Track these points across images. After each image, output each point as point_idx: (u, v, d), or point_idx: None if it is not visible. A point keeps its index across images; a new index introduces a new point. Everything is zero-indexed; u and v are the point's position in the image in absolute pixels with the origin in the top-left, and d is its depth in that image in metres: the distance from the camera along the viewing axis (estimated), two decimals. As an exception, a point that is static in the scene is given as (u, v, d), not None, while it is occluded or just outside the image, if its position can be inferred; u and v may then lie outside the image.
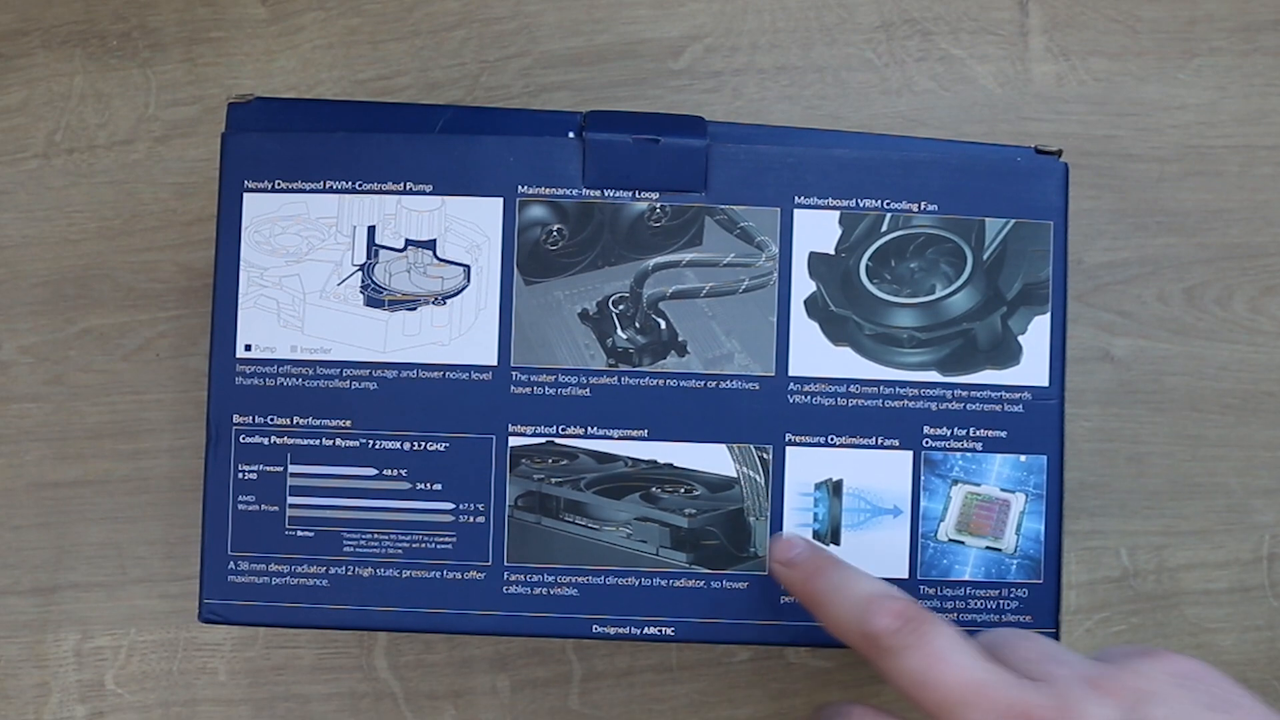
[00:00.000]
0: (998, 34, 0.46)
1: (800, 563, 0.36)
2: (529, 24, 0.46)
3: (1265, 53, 0.46)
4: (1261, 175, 0.46)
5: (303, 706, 0.45)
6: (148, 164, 0.46)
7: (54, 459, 0.45)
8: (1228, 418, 0.45)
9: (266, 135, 0.38)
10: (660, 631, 0.38)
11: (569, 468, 0.38)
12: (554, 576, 0.38)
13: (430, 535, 0.38)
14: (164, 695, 0.45)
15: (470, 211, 0.38)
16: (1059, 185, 0.39)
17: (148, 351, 0.45)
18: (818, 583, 0.34)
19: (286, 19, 0.46)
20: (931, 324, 0.38)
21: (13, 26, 0.46)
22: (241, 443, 0.38)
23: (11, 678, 0.45)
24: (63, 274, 0.45)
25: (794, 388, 0.38)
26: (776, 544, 0.37)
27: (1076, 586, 0.45)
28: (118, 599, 0.45)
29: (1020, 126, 0.46)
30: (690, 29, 0.46)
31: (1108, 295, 0.46)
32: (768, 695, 0.45)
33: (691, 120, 0.39)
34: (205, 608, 0.38)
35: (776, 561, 0.36)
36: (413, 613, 0.38)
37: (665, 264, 0.38)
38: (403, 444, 0.38)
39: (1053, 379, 0.38)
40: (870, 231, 0.38)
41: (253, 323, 0.38)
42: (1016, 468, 0.38)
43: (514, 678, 0.45)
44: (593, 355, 0.38)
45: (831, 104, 0.46)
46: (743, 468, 0.38)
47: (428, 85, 0.46)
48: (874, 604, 0.32)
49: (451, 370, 0.38)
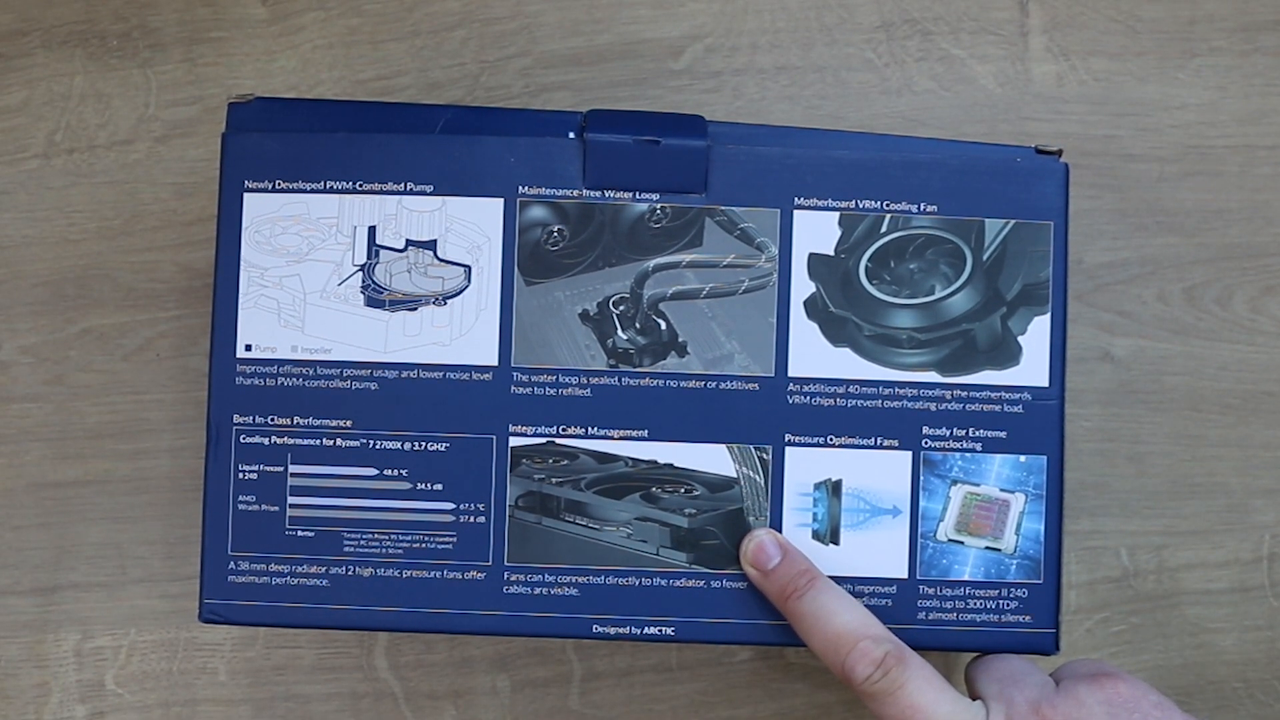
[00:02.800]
0: (998, 34, 0.46)
1: (777, 577, 0.37)
2: (529, 24, 0.46)
3: (1265, 53, 0.46)
4: (1261, 175, 0.46)
5: (303, 706, 0.45)
6: (148, 164, 0.46)
7: (54, 459, 0.45)
8: (1228, 418, 0.45)
9: (267, 135, 0.38)
10: (660, 631, 0.38)
11: (569, 468, 0.38)
12: (554, 576, 0.38)
13: (431, 535, 0.38)
14: (164, 695, 0.45)
15: (471, 212, 0.38)
16: (1059, 185, 0.39)
17: (148, 351, 0.45)
18: (795, 606, 0.36)
19: (286, 19, 0.46)
20: (931, 324, 0.38)
21: (13, 26, 0.46)
22: (242, 443, 0.38)
23: (11, 678, 0.45)
24: (63, 274, 0.45)
25: (793, 388, 0.38)
26: (751, 547, 0.38)
27: (1076, 586, 0.45)
28: (118, 599, 0.45)
29: (1020, 126, 0.46)
30: (690, 29, 0.46)
31: (1108, 295, 0.46)
32: (768, 695, 0.45)
33: (692, 120, 0.39)
34: (205, 608, 0.38)
35: (752, 566, 0.38)
36: (413, 613, 0.38)
37: (665, 265, 0.38)
38: (403, 444, 0.38)
39: (1053, 379, 0.38)
40: (870, 232, 0.38)
41: (253, 323, 0.38)
42: (1016, 468, 0.38)
43: (514, 678, 0.45)
44: (593, 355, 0.38)
45: (831, 104, 0.46)
46: (742, 468, 0.38)
47: (428, 85, 0.46)
48: (851, 650, 0.35)
49: (452, 370, 0.38)
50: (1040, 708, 0.34)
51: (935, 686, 0.35)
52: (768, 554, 0.37)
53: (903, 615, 0.38)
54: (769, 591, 0.37)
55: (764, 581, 0.37)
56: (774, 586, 0.37)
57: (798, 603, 0.36)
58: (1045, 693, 0.35)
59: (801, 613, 0.36)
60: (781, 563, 0.37)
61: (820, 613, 0.36)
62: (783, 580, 0.37)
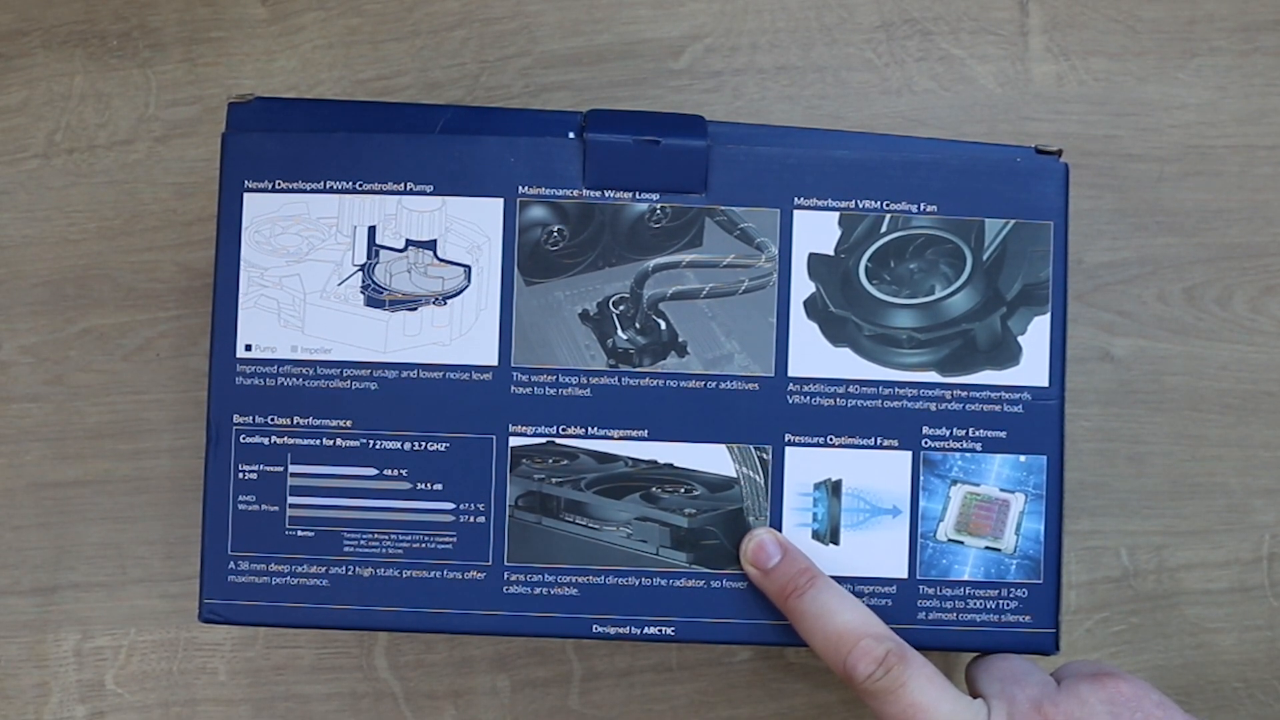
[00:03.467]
0: (998, 34, 0.46)
1: (777, 576, 0.37)
2: (529, 24, 0.46)
3: (1265, 53, 0.46)
4: (1261, 175, 0.46)
5: (303, 706, 0.45)
6: (148, 164, 0.46)
7: (54, 459, 0.45)
8: (1228, 418, 0.45)
9: (266, 135, 0.38)
10: (660, 631, 0.38)
11: (569, 468, 0.38)
12: (554, 576, 0.38)
13: (430, 535, 0.38)
14: (164, 695, 0.45)
15: (471, 212, 0.38)
16: (1059, 185, 0.39)
17: (148, 351, 0.45)
18: (795, 605, 0.36)
19: (286, 19, 0.46)
20: (931, 324, 0.38)
21: (13, 26, 0.46)
22: (242, 443, 0.38)
23: (11, 678, 0.45)
24: (63, 274, 0.45)
25: (793, 388, 0.38)
26: (751, 546, 0.38)
27: (1076, 586, 0.45)
28: (118, 599, 0.45)
29: (1020, 126, 0.46)
30: (690, 29, 0.46)
31: (1108, 295, 0.46)
32: (768, 695, 0.45)
33: (691, 120, 0.39)
34: (205, 608, 0.38)
35: (752, 565, 0.38)
36: (413, 613, 0.38)
37: (665, 265, 0.38)
38: (403, 444, 0.38)
39: (1052, 379, 0.38)
40: (870, 232, 0.38)
41: (253, 323, 0.38)
42: (1016, 468, 0.38)
43: (514, 678, 0.45)
44: (593, 355, 0.38)
45: (831, 104, 0.46)
46: (742, 468, 0.38)
47: (428, 85, 0.46)
48: (853, 648, 0.35)
49: (452, 370, 0.38)
50: (1042, 706, 0.34)
51: (937, 685, 0.35)
52: (768, 553, 0.37)
53: (903, 615, 0.38)
54: (769, 590, 0.37)
55: (764, 580, 0.37)
56: (774, 585, 0.37)
57: (798, 601, 0.36)
58: (1047, 691, 0.35)
59: (802, 611, 0.36)
60: (782, 561, 0.37)
61: (821, 611, 0.36)
62: (783, 579, 0.37)
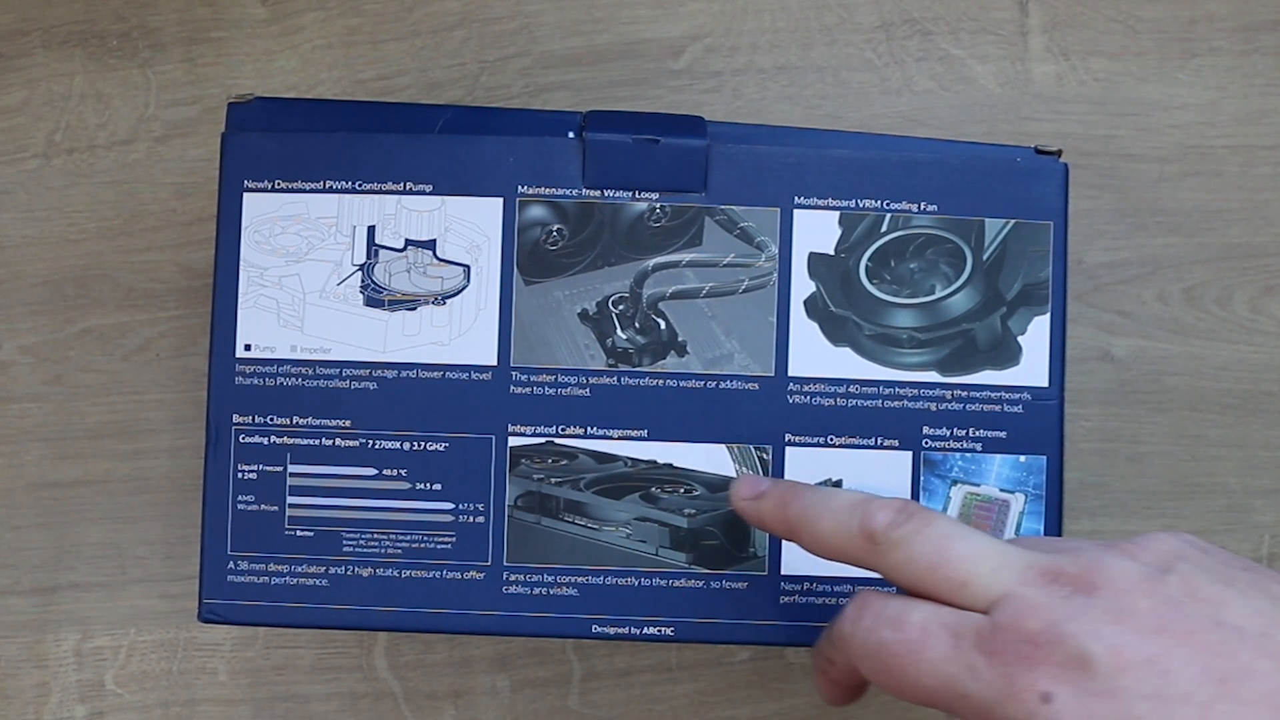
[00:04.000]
0: (998, 34, 0.46)
1: (771, 492, 0.34)
2: (529, 24, 0.46)
3: (1265, 53, 0.46)
4: (1261, 175, 0.46)
5: (303, 706, 0.45)
6: (148, 164, 0.46)
7: (54, 459, 0.45)
8: (1228, 418, 0.45)
9: (266, 135, 0.38)
10: (660, 631, 0.38)
11: (569, 468, 0.38)
12: (554, 576, 0.38)
13: (430, 535, 0.38)
14: (164, 695, 0.45)
15: (470, 211, 0.38)
16: (1059, 185, 0.39)
17: (148, 351, 0.45)
18: (796, 505, 0.33)
19: (286, 19, 0.46)
20: (931, 324, 0.38)
21: (13, 26, 0.46)
22: (241, 443, 0.38)
23: (11, 678, 0.45)
24: (63, 274, 0.45)
25: (793, 388, 0.38)
26: (741, 482, 0.35)
27: (1076, 586, 0.45)
28: (118, 599, 0.45)
29: (1020, 126, 0.46)
30: (690, 29, 0.46)
31: (1108, 295, 0.46)
32: (768, 695, 0.45)
33: (691, 120, 0.39)
34: (205, 608, 0.38)
35: (743, 499, 0.35)
36: (413, 613, 0.38)
37: (665, 264, 0.38)
38: (402, 444, 0.38)
39: (1052, 379, 0.38)
40: (870, 232, 0.38)
41: (253, 323, 0.38)
42: (1016, 468, 0.38)
43: (514, 678, 0.45)
44: (592, 355, 0.38)
45: (831, 104, 0.46)
46: (742, 468, 0.38)
47: (428, 85, 0.46)
48: (869, 504, 0.31)
49: (451, 370, 0.38)
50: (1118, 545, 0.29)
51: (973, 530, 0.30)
52: (757, 479, 0.35)
53: (902, 615, 0.38)
54: (764, 511, 0.34)
55: (757, 504, 0.34)
56: (770, 502, 0.34)
57: (799, 500, 0.33)
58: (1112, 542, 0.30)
59: (805, 505, 0.33)
60: (772, 480, 0.35)
61: (828, 497, 0.32)
62: (777, 491, 0.34)
